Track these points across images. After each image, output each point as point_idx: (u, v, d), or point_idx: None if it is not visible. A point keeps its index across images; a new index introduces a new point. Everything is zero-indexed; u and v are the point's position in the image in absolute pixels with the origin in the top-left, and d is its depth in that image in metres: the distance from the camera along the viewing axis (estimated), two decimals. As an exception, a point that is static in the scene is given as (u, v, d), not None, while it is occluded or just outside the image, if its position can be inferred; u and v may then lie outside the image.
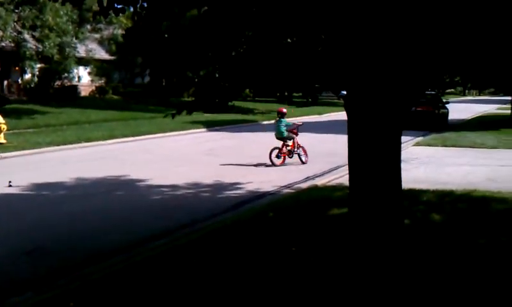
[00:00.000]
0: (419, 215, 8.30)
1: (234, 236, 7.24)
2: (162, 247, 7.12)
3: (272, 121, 17.42)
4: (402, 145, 6.04)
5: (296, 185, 11.55)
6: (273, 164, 14.08)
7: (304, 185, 11.47)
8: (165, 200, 10.39)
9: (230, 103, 6.81)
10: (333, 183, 11.35)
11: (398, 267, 5.58)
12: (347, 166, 5.98)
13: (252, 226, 7.75)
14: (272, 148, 14.37)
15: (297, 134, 14.76)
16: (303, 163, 14.45)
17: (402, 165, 6.07)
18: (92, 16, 6.47)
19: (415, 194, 9.57)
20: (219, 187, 11.53)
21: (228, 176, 12.63)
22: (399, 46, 5.42)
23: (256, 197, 10.48)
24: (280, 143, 14.61)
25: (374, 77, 5.51)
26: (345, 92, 6.04)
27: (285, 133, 14.52)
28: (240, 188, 11.42)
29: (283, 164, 14.28)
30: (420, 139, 20.16)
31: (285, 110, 15.36)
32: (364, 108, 5.60)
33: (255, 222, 8.03)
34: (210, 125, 25.76)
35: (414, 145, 18.31)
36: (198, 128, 24.67)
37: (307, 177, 12.54)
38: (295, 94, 45.61)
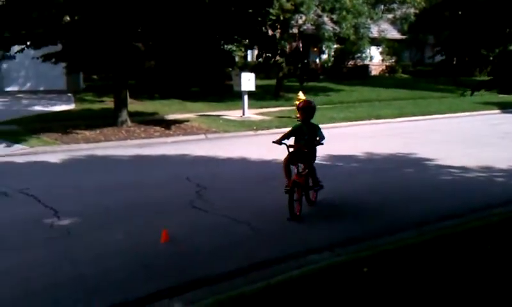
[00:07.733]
0: None
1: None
2: (453, 227, 7.16)
3: None
4: None
5: None
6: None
7: None
8: (455, 181, 10.24)
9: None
10: None
11: None
12: None
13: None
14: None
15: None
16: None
17: None
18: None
19: None
20: (516, 173, 10.80)
21: (526, 162, 11.70)
22: None
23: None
24: None
25: None
26: None
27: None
28: (541, 177, 10.49)
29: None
30: None
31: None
32: None
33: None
34: (506, 107, 23.76)
35: None
36: (491, 109, 23.08)
37: None
38: None
